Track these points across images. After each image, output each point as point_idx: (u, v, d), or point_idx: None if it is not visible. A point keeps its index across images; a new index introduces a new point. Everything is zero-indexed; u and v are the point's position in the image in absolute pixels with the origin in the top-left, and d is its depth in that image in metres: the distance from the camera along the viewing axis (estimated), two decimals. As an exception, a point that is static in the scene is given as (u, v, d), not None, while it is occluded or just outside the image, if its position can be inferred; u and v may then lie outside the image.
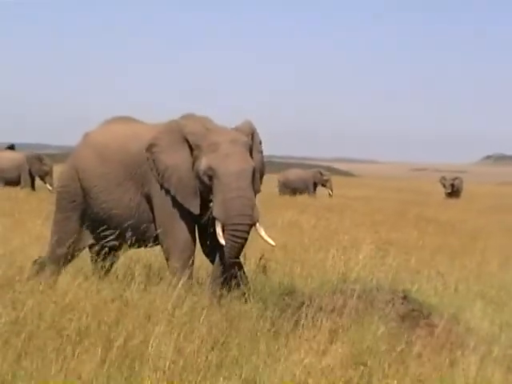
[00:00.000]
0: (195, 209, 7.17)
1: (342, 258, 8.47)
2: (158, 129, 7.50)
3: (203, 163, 7.08)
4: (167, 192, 7.23)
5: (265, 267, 7.67)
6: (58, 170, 17.20)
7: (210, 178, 7.03)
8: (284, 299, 6.77)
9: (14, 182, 24.86)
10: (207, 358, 5.10)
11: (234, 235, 6.94)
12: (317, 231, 14.42)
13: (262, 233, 7.21)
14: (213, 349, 5.30)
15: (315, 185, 32.99)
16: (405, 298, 6.94)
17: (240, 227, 6.94)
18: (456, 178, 39.34)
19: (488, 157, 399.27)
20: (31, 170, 25.45)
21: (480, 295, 8.37)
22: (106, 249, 7.46)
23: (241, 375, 4.83)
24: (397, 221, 19.27)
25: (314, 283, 7.43)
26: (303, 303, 6.60)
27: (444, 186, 38.82)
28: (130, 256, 8.05)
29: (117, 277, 7.18)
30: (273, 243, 7.30)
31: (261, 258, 7.66)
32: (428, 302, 7.23)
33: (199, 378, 4.75)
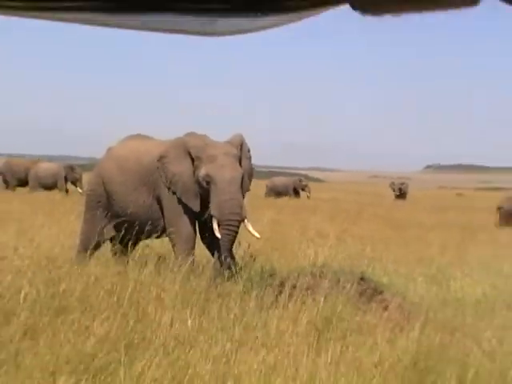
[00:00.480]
0: (196, 207, 7.22)
1: (312, 247, 8.51)
2: (167, 144, 7.55)
3: (203, 171, 7.13)
4: (174, 194, 7.28)
5: (251, 256, 7.69)
6: (86, 177, 17.20)
7: (208, 183, 7.09)
8: (266, 280, 6.80)
9: (50, 187, 24.82)
10: (202, 325, 5.14)
11: (227, 229, 6.99)
12: (293, 226, 14.46)
13: (250, 227, 7.27)
14: (208, 318, 5.33)
15: (295, 190, 32.97)
16: (362, 278, 6.96)
17: (232, 222, 7.00)
18: (403, 183, 39.04)
19: (428, 166, 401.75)
20: (67, 177, 25.43)
21: (422, 276, 8.42)
22: (125, 240, 7.48)
23: (229, 338, 4.85)
24: (357, 218, 19.32)
25: (290, 267, 7.46)
26: (281, 283, 6.63)
27: (393, 189, 38.43)
28: (144, 245, 8.06)
29: (143, 263, 7.17)
30: (258, 236, 7.37)
31: (249, 247, 7.68)
32: (380, 281, 7.27)
33: (200, 339, 4.77)
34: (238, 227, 7.09)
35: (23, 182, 25.49)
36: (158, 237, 7.60)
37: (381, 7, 0.42)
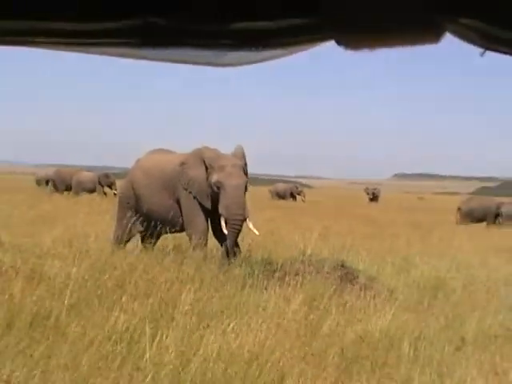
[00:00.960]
0: (208, 205, 7.23)
1: (301, 240, 8.49)
2: (185, 154, 7.59)
3: (214, 178, 7.16)
4: (190, 194, 7.30)
5: (253, 247, 7.67)
6: (119, 183, 17.19)
7: (218, 188, 7.12)
8: (264, 266, 6.79)
9: (90, 191, 24.96)
10: (214, 304, 5.12)
11: (232, 226, 7.01)
12: (287, 223, 14.45)
13: (250, 225, 7.29)
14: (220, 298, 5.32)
15: (292, 194, 33.23)
16: (342, 265, 6.97)
17: (236, 222, 7.03)
18: (375, 189, 38.73)
19: (395, 175, 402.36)
20: (102, 183, 25.55)
21: (390, 263, 8.41)
22: (150, 234, 7.49)
23: (236, 317, 4.83)
24: (338, 217, 19.31)
25: (284, 256, 7.45)
26: (276, 269, 6.63)
27: (367, 193, 38.29)
28: (165, 238, 8.06)
29: (165, 252, 7.15)
30: (257, 232, 7.40)
31: (252, 241, 7.67)
32: (357, 267, 7.27)
33: (210, 317, 4.76)
34: (241, 225, 7.12)
35: (69, 187, 25.62)
36: (176, 231, 7.60)
37: (360, 44, 0.44)
